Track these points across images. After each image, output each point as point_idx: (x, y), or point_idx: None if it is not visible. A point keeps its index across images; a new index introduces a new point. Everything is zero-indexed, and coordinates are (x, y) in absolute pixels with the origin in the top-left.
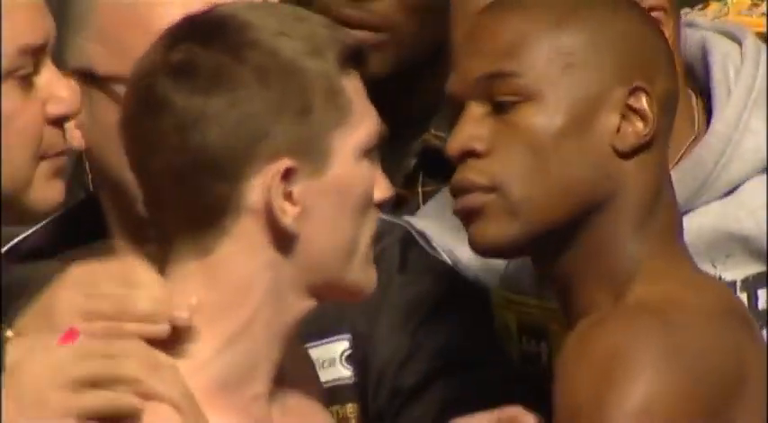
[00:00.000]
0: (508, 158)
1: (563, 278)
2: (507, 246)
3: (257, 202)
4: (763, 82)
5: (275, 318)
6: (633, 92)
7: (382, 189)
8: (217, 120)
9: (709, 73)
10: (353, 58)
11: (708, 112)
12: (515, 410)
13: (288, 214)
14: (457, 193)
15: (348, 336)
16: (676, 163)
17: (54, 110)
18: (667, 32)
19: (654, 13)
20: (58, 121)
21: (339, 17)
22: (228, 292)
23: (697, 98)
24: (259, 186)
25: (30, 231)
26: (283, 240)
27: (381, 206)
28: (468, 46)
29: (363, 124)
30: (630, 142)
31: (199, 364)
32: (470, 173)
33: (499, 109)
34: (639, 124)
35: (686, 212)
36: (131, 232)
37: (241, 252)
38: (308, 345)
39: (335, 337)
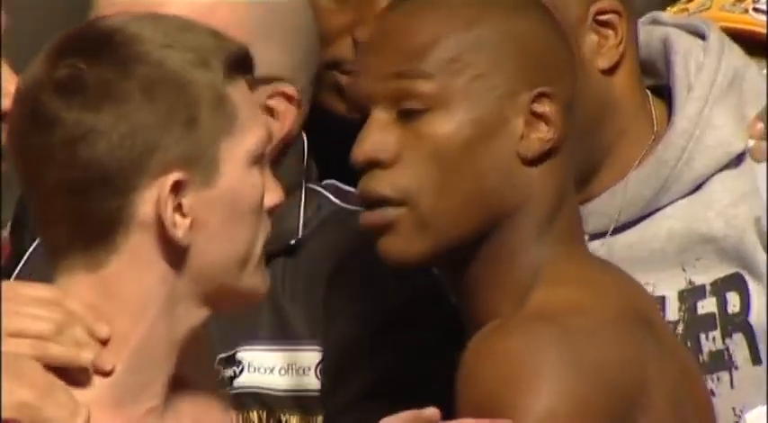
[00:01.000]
0: (415, 170)
1: (466, 285)
2: (416, 259)
3: (148, 216)
4: (726, 76)
5: (170, 330)
6: (537, 97)
7: (273, 195)
8: (105, 134)
9: (670, 69)
10: (240, 66)
11: (670, 109)
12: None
13: (179, 227)
14: (365, 204)
15: (320, 347)
16: (638, 164)
17: None
18: (620, 34)
19: (606, 16)
20: None
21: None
22: (122, 306)
23: (657, 97)
24: (150, 200)
25: None
26: (175, 253)
27: (271, 212)
28: (373, 45)
29: (251, 132)
30: (535, 149)
31: (93, 379)
32: (378, 184)
33: (405, 116)
34: (544, 130)
35: (653, 213)
36: None
37: (133, 267)
38: (275, 345)
39: (307, 346)
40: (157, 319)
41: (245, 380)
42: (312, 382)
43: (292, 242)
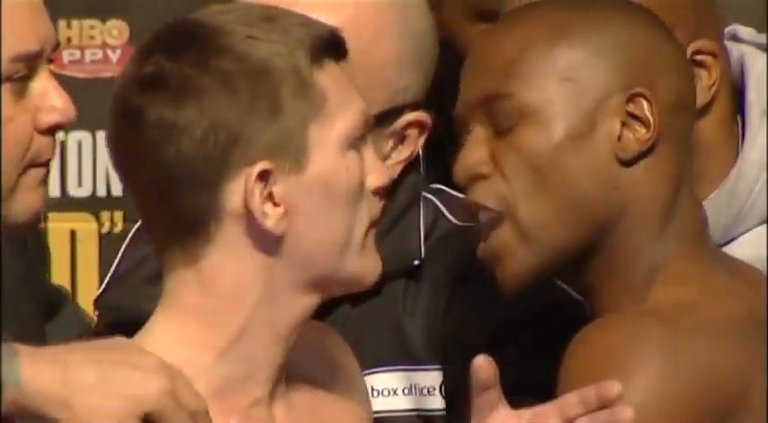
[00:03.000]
0: (511, 180)
1: (586, 287)
2: (529, 276)
3: (238, 208)
4: None
5: (274, 319)
6: (632, 98)
7: (377, 176)
8: (188, 130)
9: (745, 94)
10: (330, 50)
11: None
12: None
13: (270, 216)
14: (472, 219)
15: (442, 366)
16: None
17: (47, 119)
18: (713, 77)
19: (702, 57)
20: (50, 130)
21: None
22: (222, 297)
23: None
24: (238, 192)
25: None
26: (270, 242)
27: (378, 193)
28: (468, 69)
29: (343, 115)
30: (633, 149)
31: (198, 371)
32: (479, 194)
33: (500, 131)
34: (641, 130)
35: (727, 243)
36: None
37: (228, 257)
38: (399, 367)
39: (430, 366)
40: (257, 308)
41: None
42: (437, 401)
43: (415, 263)
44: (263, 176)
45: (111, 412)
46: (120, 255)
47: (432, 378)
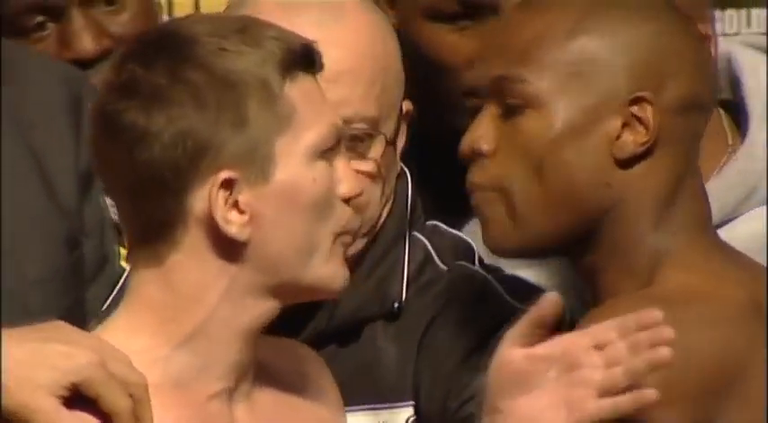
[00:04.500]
0: (509, 162)
1: (589, 272)
2: (514, 248)
3: (203, 214)
4: None
5: (234, 319)
6: (636, 101)
7: (349, 185)
8: (157, 137)
9: (740, 84)
10: (302, 63)
11: (738, 122)
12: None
13: (233, 223)
14: (468, 193)
15: (412, 402)
16: (717, 175)
17: None
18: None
19: None
20: None
21: None
22: (183, 296)
23: (724, 112)
24: (202, 198)
25: None
26: (233, 247)
27: (350, 201)
28: (488, 46)
29: (313, 127)
30: (629, 150)
31: (154, 361)
32: (476, 175)
33: (508, 112)
34: (641, 132)
35: (732, 219)
36: None
37: (193, 261)
38: (369, 406)
39: (402, 404)
40: (218, 307)
41: None
42: None
43: (395, 305)
44: (228, 185)
45: (39, 383)
46: None
47: (402, 416)
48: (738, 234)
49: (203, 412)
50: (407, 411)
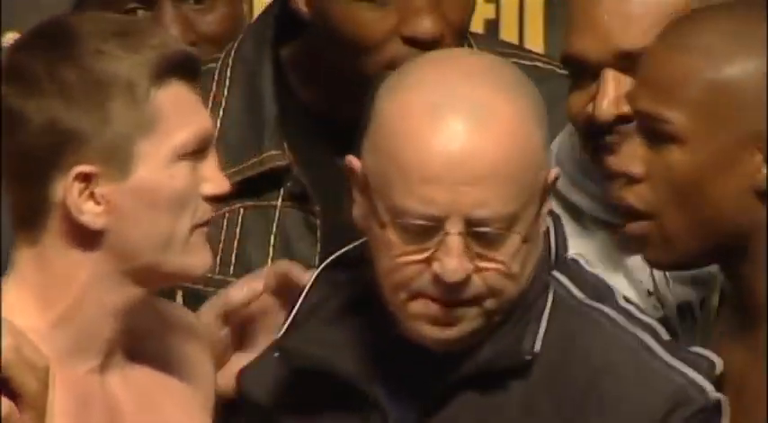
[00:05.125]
0: (660, 191)
1: (737, 280)
2: (673, 265)
3: (63, 203)
4: None
5: (103, 300)
6: None
7: (214, 185)
8: (28, 123)
9: None
10: (177, 70)
11: None
12: (286, 264)
13: (86, 213)
14: (620, 211)
15: None
16: None
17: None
18: None
19: None
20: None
21: None
22: (55, 278)
23: None
24: (62, 188)
25: None
26: (93, 235)
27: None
28: (640, 70)
29: (180, 131)
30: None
31: (36, 339)
32: (630, 196)
33: (654, 140)
34: None
35: None
36: None
37: (59, 245)
38: None
39: None
40: (87, 289)
41: None
42: None
43: (528, 358)
44: (86, 178)
45: None
46: (301, 298)
47: None
48: None
49: (81, 387)
50: None
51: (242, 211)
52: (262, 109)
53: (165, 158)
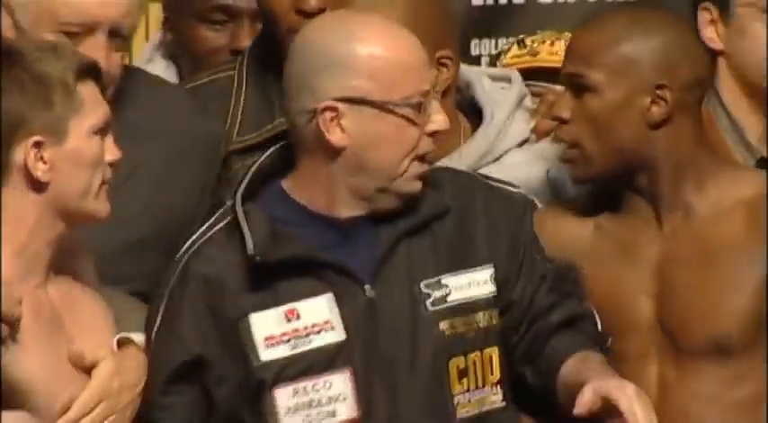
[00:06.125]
0: (582, 127)
1: (644, 192)
2: (589, 179)
3: (21, 164)
4: (519, 97)
5: (45, 235)
6: (659, 86)
7: (110, 153)
8: None
9: (475, 96)
10: (89, 73)
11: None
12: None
13: (38, 170)
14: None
15: (492, 265)
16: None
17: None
18: (451, 73)
19: (444, 60)
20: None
21: None
22: (14, 219)
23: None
24: (21, 153)
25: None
26: (40, 185)
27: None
28: (568, 50)
29: (93, 114)
30: (655, 118)
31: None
32: (562, 133)
33: (577, 92)
34: (663, 105)
35: (490, 163)
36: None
37: (17, 193)
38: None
39: (482, 267)
40: (35, 225)
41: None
42: (489, 288)
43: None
44: (37, 145)
45: None
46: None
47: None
48: (503, 166)
49: (34, 297)
50: (489, 270)
51: None
52: (270, 93)
53: (86, 132)
